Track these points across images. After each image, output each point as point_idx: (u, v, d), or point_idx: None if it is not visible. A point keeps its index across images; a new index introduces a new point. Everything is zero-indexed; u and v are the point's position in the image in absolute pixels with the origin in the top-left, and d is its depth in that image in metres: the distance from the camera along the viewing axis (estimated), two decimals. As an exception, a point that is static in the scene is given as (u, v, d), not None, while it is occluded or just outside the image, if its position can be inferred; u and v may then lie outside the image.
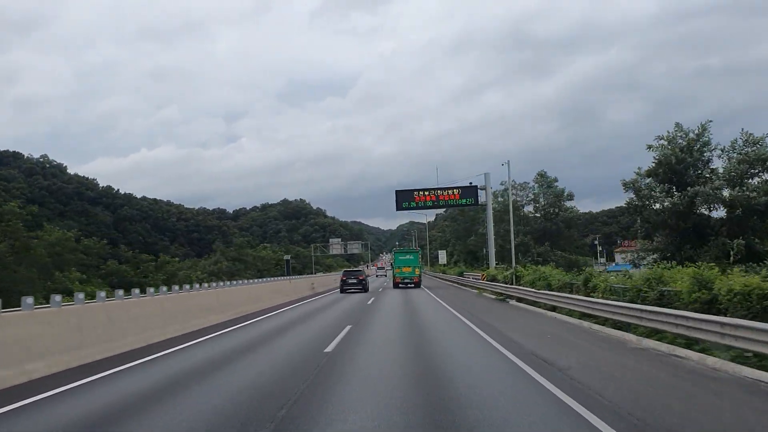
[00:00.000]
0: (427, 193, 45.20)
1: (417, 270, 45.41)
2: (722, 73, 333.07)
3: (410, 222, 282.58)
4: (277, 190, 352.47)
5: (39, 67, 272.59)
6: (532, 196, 54.67)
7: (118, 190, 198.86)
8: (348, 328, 16.29)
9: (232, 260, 74.04)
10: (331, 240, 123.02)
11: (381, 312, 23.93)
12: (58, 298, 10.99)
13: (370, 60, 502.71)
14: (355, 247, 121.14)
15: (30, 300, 10.50)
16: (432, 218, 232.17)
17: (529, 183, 55.90)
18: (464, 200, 44.91)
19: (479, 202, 45.23)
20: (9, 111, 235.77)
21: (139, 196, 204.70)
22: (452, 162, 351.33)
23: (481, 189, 44.74)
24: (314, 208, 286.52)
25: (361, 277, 42.37)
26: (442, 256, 78.67)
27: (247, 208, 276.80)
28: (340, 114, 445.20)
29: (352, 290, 40.58)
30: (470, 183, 44.79)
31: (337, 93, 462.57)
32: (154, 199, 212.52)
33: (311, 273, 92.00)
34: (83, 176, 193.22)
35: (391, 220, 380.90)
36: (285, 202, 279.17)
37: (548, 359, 10.30)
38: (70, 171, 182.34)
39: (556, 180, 54.03)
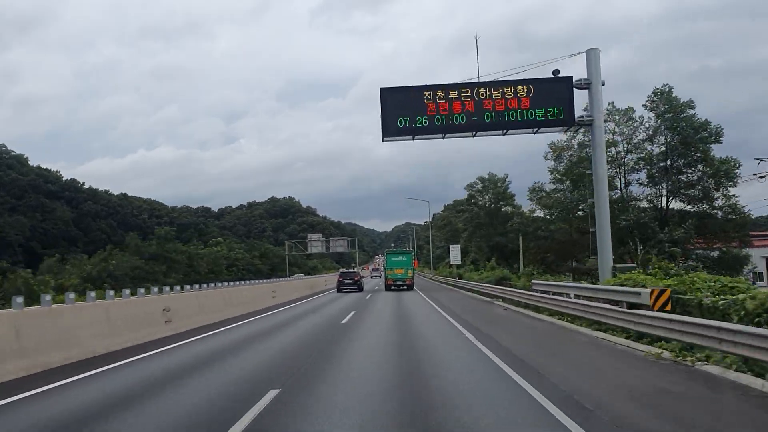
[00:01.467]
0: (454, 95, 18.72)
1: (410, 272, 41.71)
2: (723, 74, 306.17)
3: (406, 223, 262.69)
4: (274, 190, 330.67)
5: (39, 65, 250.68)
6: (645, 134, 28.46)
7: (83, 183, 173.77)
8: None
9: (147, 259, 48.54)
10: (309, 236, 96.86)
11: None
12: None
13: (371, 59, 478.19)
14: (339, 245, 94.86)
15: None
16: (429, 218, 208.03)
17: (634, 111, 29.30)
18: (541, 112, 18.42)
19: (575, 119, 18.77)
20: (8, 110, 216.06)
21: (124, 195, 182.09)
22: (450, 163, 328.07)
23: (581, 86, 18.46)
24: (304, 206, 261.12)
25: (356, 278, 41.60)
26: (455, 253, 52.11)
27: (233, 207, 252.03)
28: (340, 114, 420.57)
29: (348, 290, 39.47)
30: (556, 72, 18.46)
31: (338, 93, 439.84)
32: (123, 194, 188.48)
33: (285, 276, 65.69)
34: (45, 168, 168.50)
35: (387, 222, 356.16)
36: (273, 200, 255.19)
37: None
38: (32, 163, 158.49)
39: (690, 104, 27.35)
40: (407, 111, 18.58)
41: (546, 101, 18.30)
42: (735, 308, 10.07)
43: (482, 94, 18.32)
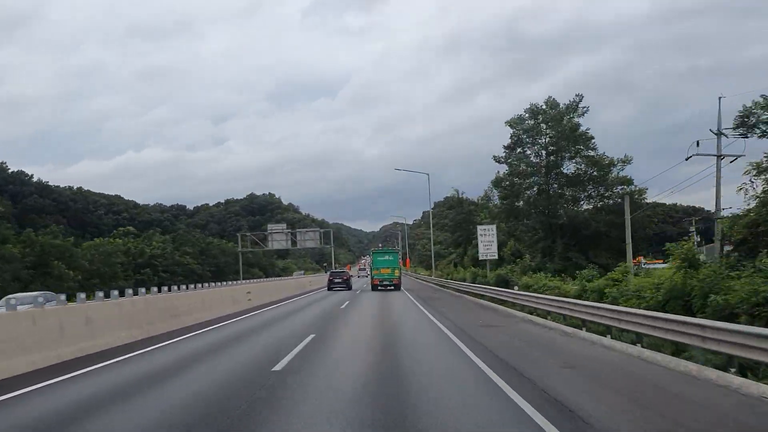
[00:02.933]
0: None
1: (397, 271, 37.58)
2: (712, 74, 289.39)
3: (394, 223, 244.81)
4: (263, 191, 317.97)
5: (25, 66, 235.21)
6: None
7: (32, 176, 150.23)
8: None
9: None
10: (269, 227, 72.43)
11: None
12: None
13: (363, 60, 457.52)
14: (309, 238, 70.57)
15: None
16: (419, 216, 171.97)
17: None
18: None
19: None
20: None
21: (79, 189, 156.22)
22: (441, 163, 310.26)
23: None
24: (285, 203, 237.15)
25: (345, 277, 41.72)
26: (488, 240, 28.08)
27: (210, 204, 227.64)
28: (331, 115, 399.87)
29: (338, 288, 39.39)
30: None
31: (329, 94, 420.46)
32: (79, 188, 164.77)
33: (239, 280, 40.87)
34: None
35: (375, 223, 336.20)
36: (251, 197, 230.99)
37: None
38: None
39: None
40: None
41: None
42: None
43: None
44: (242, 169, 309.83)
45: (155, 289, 17.70)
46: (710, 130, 17.90)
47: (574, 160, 28.50)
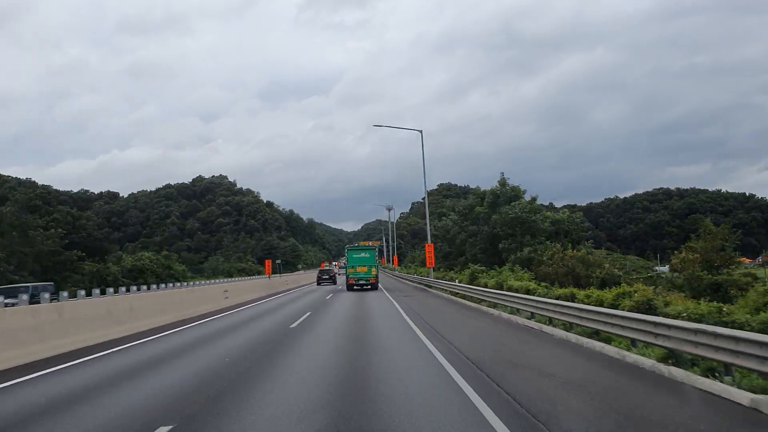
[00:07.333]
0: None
1: (373, 269, 34.85)
2: (708, 72, 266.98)
3: (377, 220, 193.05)
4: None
5: (8, 63, 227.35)
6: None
7: None
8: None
9: None
10: None
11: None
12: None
13: (356, 56, 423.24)
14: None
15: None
16: (406, 209, 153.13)
17: None
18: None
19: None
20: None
21: None
22: (432, 162, 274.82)
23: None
24: (238, 186, 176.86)
25: (331, 274, 47.26)
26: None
27: (148, 190, 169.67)
28: (322, 113, 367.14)
29: (325, 284, 43.72)
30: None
31: (321, 92, 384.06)
32: None
33: None
34: None
35: (359, 223, 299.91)
36: (199, 179, 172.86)
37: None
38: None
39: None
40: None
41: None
42: None
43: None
44: (230, 168, 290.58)
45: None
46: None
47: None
